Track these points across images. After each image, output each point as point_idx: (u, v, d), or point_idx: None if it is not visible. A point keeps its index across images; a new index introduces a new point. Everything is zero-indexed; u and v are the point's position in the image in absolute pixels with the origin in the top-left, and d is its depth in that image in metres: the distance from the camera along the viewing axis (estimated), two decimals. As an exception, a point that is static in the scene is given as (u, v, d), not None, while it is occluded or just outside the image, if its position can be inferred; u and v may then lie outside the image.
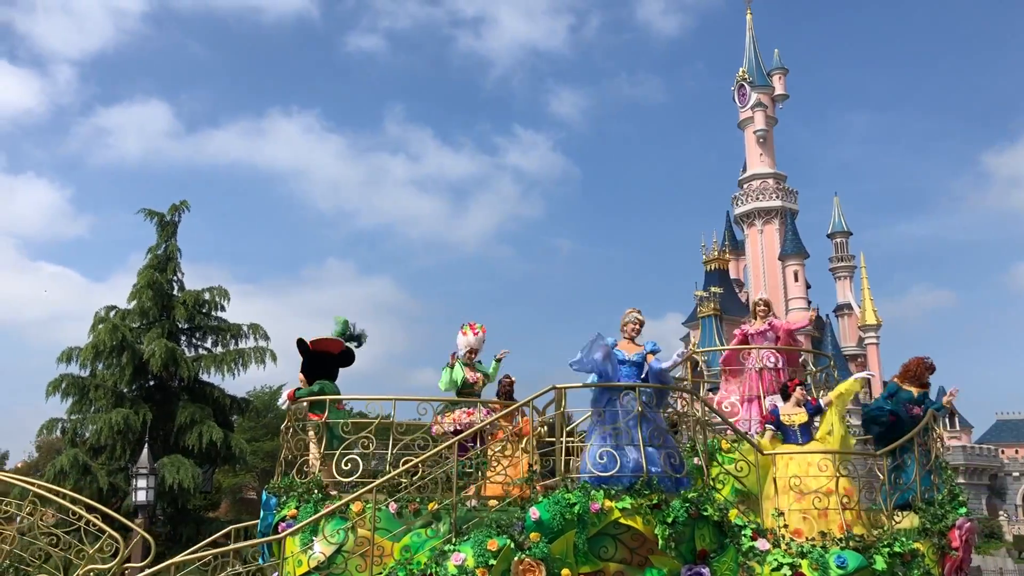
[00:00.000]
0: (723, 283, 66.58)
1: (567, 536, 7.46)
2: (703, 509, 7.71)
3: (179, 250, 32.79)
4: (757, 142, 70.36)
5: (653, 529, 7.57)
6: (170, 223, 32.88)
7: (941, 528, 8.77)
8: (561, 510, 7.42)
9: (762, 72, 72.04)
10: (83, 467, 27.11)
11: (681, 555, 7.70)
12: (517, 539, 7.36)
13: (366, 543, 8.00)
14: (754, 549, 7.84)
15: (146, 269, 32.01)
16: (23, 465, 53.62)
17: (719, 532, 7.87)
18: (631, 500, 7.58)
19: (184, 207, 33.20)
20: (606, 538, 7.64)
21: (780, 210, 68.86)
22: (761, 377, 10.74)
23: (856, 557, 7.86)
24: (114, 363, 29.98)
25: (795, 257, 67.02)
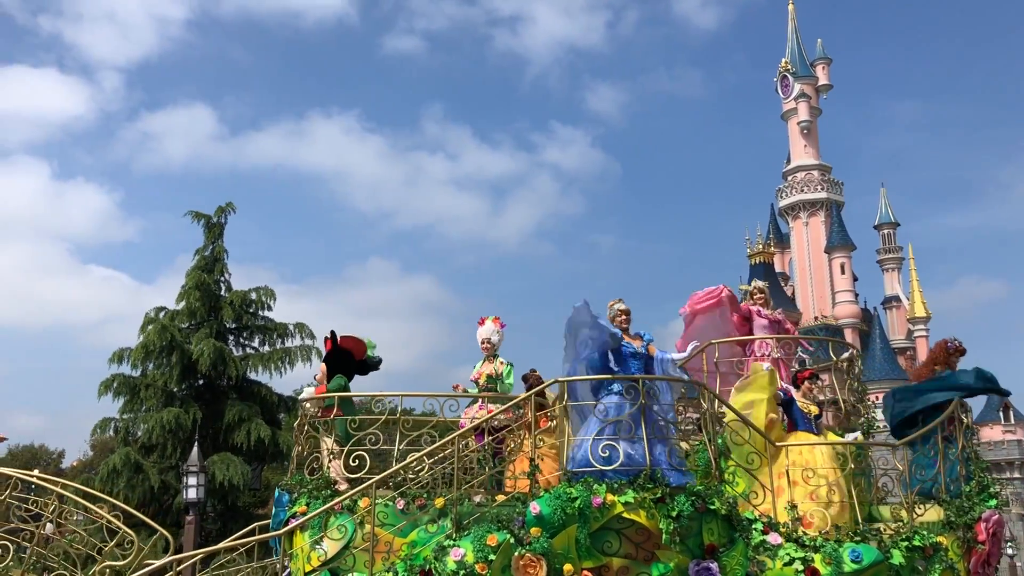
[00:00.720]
0: (768, 277, 65.23)
1: (569, 531, 7.29)
2: (710, 503, 7.50)
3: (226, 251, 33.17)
4: (801, 133, 69.04)
5: (657, 523, 7.37)
6: (216, 225, 33.30)
7: (967, 521, 8.40)
8: (562, 504, 7.26)
9: (805, 62, 70.66)
10: (135, 465, 27.62)
11: (688, 549, 7.48)
12: (517, 534, 7.22)
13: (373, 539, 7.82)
14: (765, 543, 7.57)
15: (194, 270, 32.49)
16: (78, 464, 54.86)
17: (728, 526, 7.64)
18: (634, 494, 7.39)
19: (230, 209, 33.56)
20: (610, 533, 7.44)
21: (825, 202, 67.50)
22: (778, 367, 10.36)
23: (872, 551, 7.56)
24: (164, 363, 30.46)
25: (841, 249, 65.61)
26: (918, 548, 7.78)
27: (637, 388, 7.78)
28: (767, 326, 10.76)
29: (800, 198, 67.80)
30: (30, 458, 57.76)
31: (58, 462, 62.38)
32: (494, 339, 9.95)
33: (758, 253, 66.89)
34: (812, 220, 67.41)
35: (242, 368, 30.84)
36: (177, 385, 30.08)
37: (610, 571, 7.42)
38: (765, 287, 11.15)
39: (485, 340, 10.04)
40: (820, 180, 68.13)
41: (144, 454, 28.69)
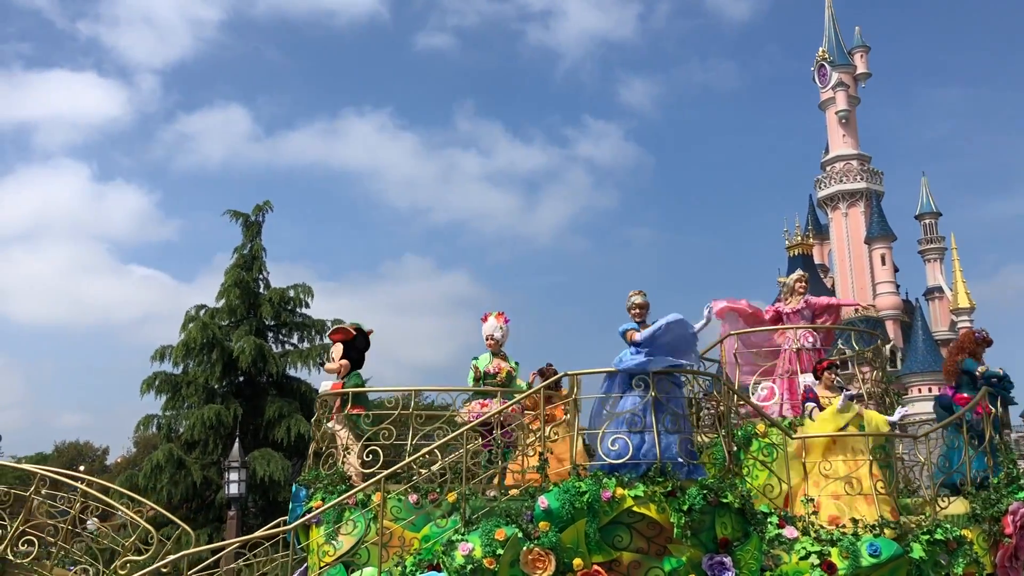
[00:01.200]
0: (807, 268, 64.11)
1: (578, 525, 7.18)
2: (723, 496, 7.31)
3: (264, 249, 33.41)
4: (839, 123, 67.78)
5: (668, 517, 7.23)
6: (254, 223, 33.54)
7: (993, 514, 8.13)
8: (571, 498, 7.14)
9: (843, 51, 69.35)
10: (178, 461, 27.98)
11: (702, 544, 7.31)
12: (526, 528, 7.13)
13: (388, 534, 7.84)
14: (780, 537, 7.41)
15: (233, 268, 32.77)
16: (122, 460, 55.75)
17: (743, 520, 7.45)
18: (644, 487, 7.25)
19: (267, 207, 33.78)
20: (620, 527, 7.32)
21: (865, 192, 66.21)
22: (799, 357, 10.14)
23: (891, 545, 7.31)
24: (205, 360, 30.78)
25: (882, 240, 64.34)
26: (940, 542, 7.52)
27: (647, 381, 7.63)
28: (791, 316, 10.62)
29: (839, 188, 66.60)
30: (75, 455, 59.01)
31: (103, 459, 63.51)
32: (498, 335, 9.78)
33: (797, 245, 65.68)
34: (851, 211, 66.20)
35: (281, 365, 31.10)
36: (218, 382, 30.35)
37: (621, 565, 7.29)
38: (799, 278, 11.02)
39: (490, 336, 9.88)
40: (859, 170, 66.84)
41: (186, 450, 29.05)
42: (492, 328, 9.80)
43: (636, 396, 7.63)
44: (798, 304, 10.69)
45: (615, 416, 7.66)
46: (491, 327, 9.82)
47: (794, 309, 10.63)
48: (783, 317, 10.67)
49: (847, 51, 70.00)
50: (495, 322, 9.79)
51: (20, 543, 9.21)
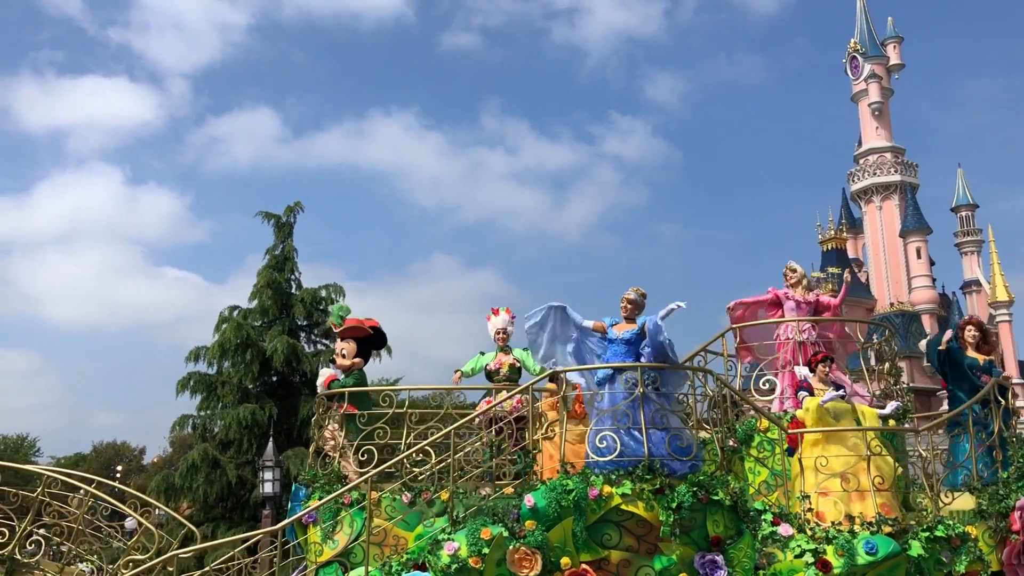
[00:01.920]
0: (841, 263, 63.13)
1: (565, 524, 7.05)
2: (714, 494, 7.12)
3: (295, 250, 33.65)
4: (872, 115, 66.56)
5: (657, 515, 7.05)
6: (286, 224, 33.76)
7: (1001, 510, 7.82)
8: (557, 497, 7.02)
9: (875, 42, 68.09)
10: (213, 461, 28.26)
11: (693, 542, 7.13)
12: (512, 527, 7.00)
13: (382, 533, 7.89)
14: (775, 534, 7.18)
15: (265, 269, 33.02)
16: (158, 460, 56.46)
17: (735, 517, 7.27)
18: (632, 485, 7.08)
19: (299, 208, 34.00)
20: (609, 525, 7.18)
21: (899, 185, 64.92)
22: (802, 350, 9.77)
23: (888, 542, 7.05)
24: (239, 360, 31.03)
25: (917, 233, 63.06)
26: (941, 539, 7.24)
27: (632, 376, 7.50)
28: (795, 308, 10.16)
29: (873, 181, 65.37)
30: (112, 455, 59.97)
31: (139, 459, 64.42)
32: (510, 329, 9.75)
33: (830, 239, 64.73)
34: (886, 204, 64.94)
35: (314, 364, 31.26)
36: (252, 382, 30.56)
37: (610, 564, 7.15)
38: (798, 267, 10.50)
39: (500, 331, 9.85)
40: (893, 162, 65.57)
41: (221, 450, 29.33)
42: (504, 322, 9.79)
43: (624, 392, 7.49)
44: (810, 296, 10.32)
45: (603, 413, 7.53)
46: (503, 321, 9.81)
47: (805, 300, 10.23)
48: (787, 303, 10.23)
49: (880, 42, 68.74)
50: (506, 316, 9.79)
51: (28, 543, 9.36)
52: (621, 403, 7.46)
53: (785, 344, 9.80)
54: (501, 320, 9.87)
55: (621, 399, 7.49)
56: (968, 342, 9.26)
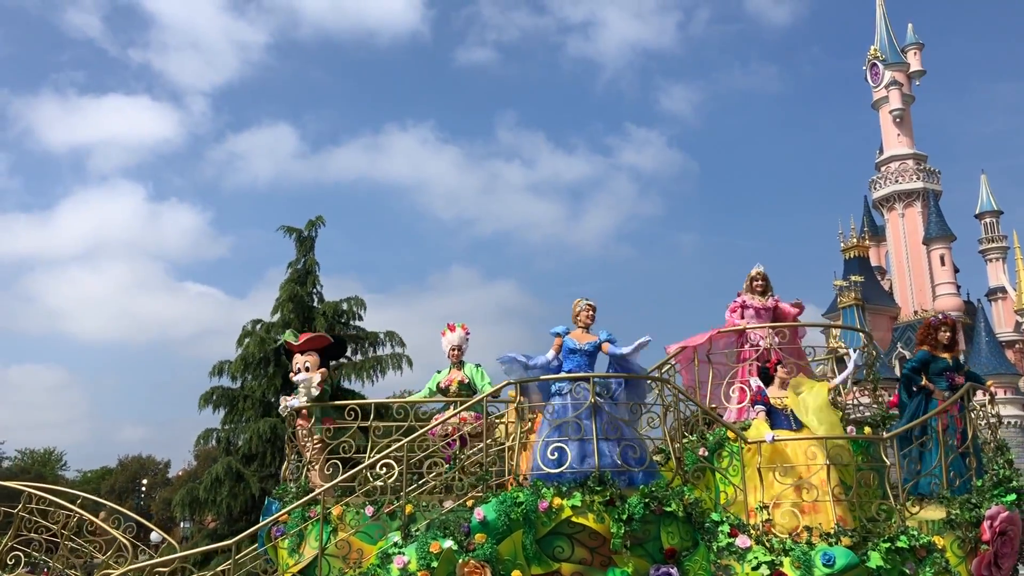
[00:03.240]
0: (864, 271, 62.28)
1: (515, 536, 6.91)
2: (667, 505, 6.93)
3: (317, 264, 33.79)
4: (893, 122, 65.59)
5: (608, 527, 6.88)
6: (308, 238, 33.91)
7: (971, 519, 7.49)
8: (507, 509, 6.89)
9: (895, 49, 67.19)
10: (236, 474, 28.40)
11: (648, 554, 6.96)
12: (461, 541, 6.89)
13: (346, 546, 7.77)
14: (732, 546, 6.96)
15: (287, 283, 33.19)
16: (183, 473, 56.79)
17: (691, 529, 7.09)
18: (582, 497, 6.93)
19: (320, 222, 34.11)
20: (560, 538, 7.02)
21: (922, 192, 63.86)
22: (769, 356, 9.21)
23: (846, 554, 6.81)
24: (261, 374, 31.19)
25: (941, 240, 61.97)
26: (904, 550, 6.96)
27: (585, 387, 7.33)
28: (755, 315, 9.88)
29: (895, 189, 64.39)
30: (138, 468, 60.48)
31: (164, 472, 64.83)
32: (464, 347, 9.56)
33: (852, 247, 63.73)
34: (908, 211, 63.92)
35: (336, 377, 31.29)
36: (275, 395, 30.70)
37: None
38: (762, 272, 10.18)
39: (454, 348, 9.62)
40: (915, 169, 64.55)
41: (245, 463, 29.47)
42: (459, 339, 9.58)
43: (576, 403, 7.34)
44: (768, 302, 10.04)
45: (554, 423, 7.38)
46: (457, 338, 9.60)
47: (764, 306, 9.97)
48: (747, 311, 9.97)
49: (900, 49, 67.88)
50: (461, 333, 9.60)
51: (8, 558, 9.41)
52: (571, 414, 7.30)
53: (751, 352, 9.52)
54: (456, 337, 9.66)
55: (572, 410, 7.33)
56: (942, 343, 8.92)
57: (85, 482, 60.02)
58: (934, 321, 9.01)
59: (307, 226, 33.75)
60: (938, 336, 8.87)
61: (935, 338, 8.87)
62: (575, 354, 7.77)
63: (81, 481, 62.80)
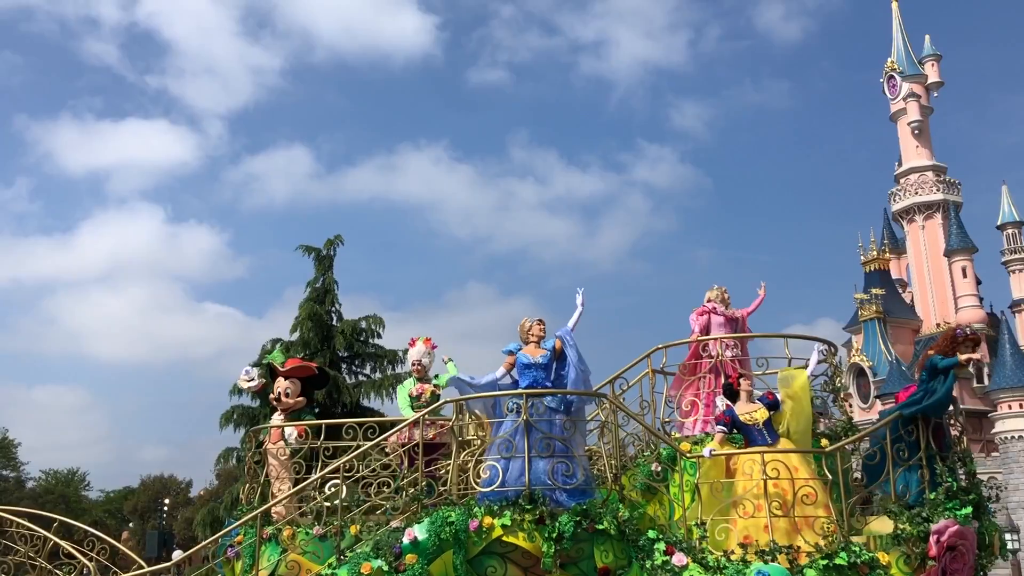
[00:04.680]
0: (884, 284, 61.31)
1: (445, 557, 6.80)
2: (599, 523, 6.76)
3: (336, 282, 33.85)
4: (912, 134, 64.71)
5: (539, 546, 6.70)
6: (326, 257, 34.00)
7: (920, 533, 7.14)
8: (437, 529, 6.77)
9: (913, 61, 66.37)
10: (259, 493, 28.50)
11: (583, 573, 6.81)
12: (391, 562, 6.78)
13: (296, 566, 7.72)
14: (667, 564, 6.72)
15: (306, 302, 33.28)
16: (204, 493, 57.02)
17: (625, 547, 6.89)
18: (512, 515, 6.77)
19: (338, 241, 34.26)
20: (493, 557, 6.86)
21: (942, 203, 62.86)
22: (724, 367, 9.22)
23: (781, 571, 6.54)
24: (281, 394, 31.26)
25: (962, 252, 60.84)
26: (841, 567, 6.68)
27: (544, 402, 7.22)
28: (723, 324, 9.70)
29: (914, 201, 63.41)
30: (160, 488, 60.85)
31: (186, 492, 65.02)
32: (425, 361, 9.53)
33: (872, 260, 62.84)
34: (928, 223, 62.92)
35: (355, 395, 31.37)
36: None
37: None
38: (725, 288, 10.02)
39: (416, 362, 9.60)
40: (935, 181, 63.57)
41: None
42: (420, 354, 9.52)
43: (510, 420, 7.22)
44: (738, 312, 9.86)
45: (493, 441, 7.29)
46: (419, 352, 9.54)
47: (732, 315, 9.77)
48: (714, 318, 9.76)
49: (917, 60, 67.07)
50: (423, 347, 9.55)
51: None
52: (505, 431, 7.20)
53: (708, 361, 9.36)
54: (416, 352, 9.63)
55: (507, 427, 7.22)
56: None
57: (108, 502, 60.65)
58: (960, 334, 8.47)
59: (325, 245, 33.87)
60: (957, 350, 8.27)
61: (954, 352, 8.28)
62: (530, 369, 7.66)
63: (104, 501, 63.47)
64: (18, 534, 9.69)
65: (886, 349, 57.18)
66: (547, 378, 7.61)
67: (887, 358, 56.44)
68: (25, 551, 9.57)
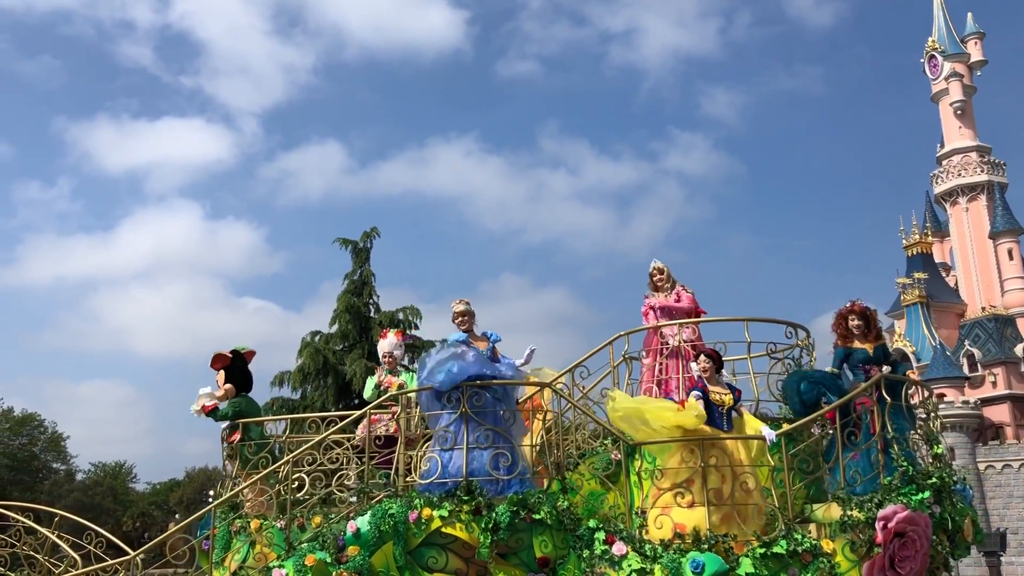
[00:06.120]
0: (927, 268, 59.64)
1: (386, 548, 6.80)
2: (536, 512, 6.70)
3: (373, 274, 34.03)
4: (955, 114, 62.76)
5: (477, 536, 6.69)
6: (363, 249, 34.10)
7: (869, 519, 6.88)
8: (378, 521, 6.80)
9: (954, 39, 64.37)
10: (300, 484, 29.01)
11: (523, 563, 6.76)
12: (335, 553, 6.84)
13: (263, 559, 7.58)
14: (607, 552, 6.66)
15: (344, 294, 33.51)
16: None
17: (565, 537, 6.85)
18: (450, 507, 6.79)
19: (375, 234, 34.34)
20: (434, 548, 6.85)
21: (986, 185, 60.83)
22: (677, 354, 9.04)
23: (715, 560, 6.44)
24: (320, 384, 31.73)
25: (1008, 234, 58.81)
26: (780, 555, 6.52)
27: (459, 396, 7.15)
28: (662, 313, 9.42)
29: (958, 183, 61.51)
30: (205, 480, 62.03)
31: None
32: (397, 353, 9.60)
33: (915, 243, 61.13)
34: (972, 205, 60.98)
35: (392, 387, 31.59)
36: (334, 405, 30.82)
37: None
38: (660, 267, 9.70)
39: (387, 354, 9.60)
40: (979, 162, 61.59)
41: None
42: (392, 346, 9.55)
43: (449, 412, 7.21)
44: (671, 298, 9.56)
45: (434, 433, 7.30)
46: (390, 344, 9.57)
47: (666, 304, 9.50)
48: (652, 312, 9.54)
49: (960, 39, 64.96)
50: (394, 340, 9.59)
51: None
52: (444, 423, 7.21)
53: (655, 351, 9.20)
54: (387, 344, 9.65)
55: (446, 419, 7.22)
56: (853, 333, 8.20)
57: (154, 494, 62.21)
58: (843, 309, 8.28)
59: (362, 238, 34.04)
60: (848, 325, 8.17)
61: (846, 328, 8.18)
62: None
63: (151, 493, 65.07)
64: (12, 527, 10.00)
65: (930, 334, 55.69)
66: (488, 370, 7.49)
67: (931, 343, 54.97)
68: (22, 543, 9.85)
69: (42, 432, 61.25)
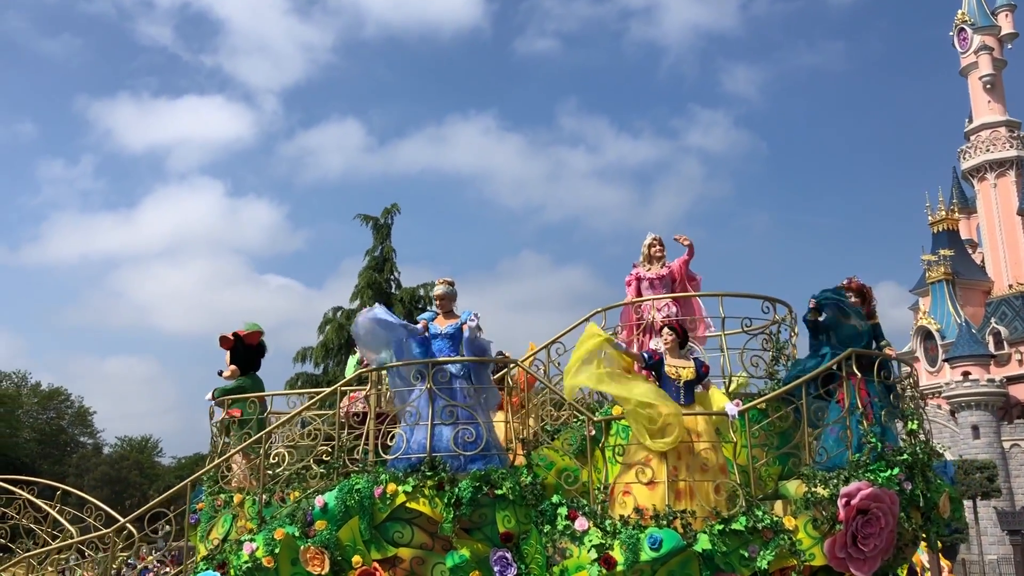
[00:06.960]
0: (953, 244, 58.48)
1: (352, 523, 6.91)
2: (498, 488, 6.75)
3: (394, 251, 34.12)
4: (984, 88, 61.19)
5: (440, 511, 6.77)
6: (384, 226, 34.13)
7: (831, 496, 6.76)
8: (344, 496, 6.90)
9: (984, 11, 62.61)
10: (321, 459, 29.54)
11: (487, 538, 6.81)
12: (303, 528, 6.93)
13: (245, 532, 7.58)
14: (570, 528, 6.71)
15: (366, 270, 33.63)
16: None
17: (528, 512, 6.89)
18: (415, 482, 6.85)
19: (395, 210, 34.35)
20: (400, 523, 6.95)
21: (1015, 160, 59.34)
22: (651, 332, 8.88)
23: (673, 536, 6.44)
24: (343, 359, 32.13)
25: (1037, 209, 57.78)
26: (739, 532, 6.51)
27: (424, 372, 7.22)
28: (650, 287, 9.37)
29: (986, 158, 60.12)
30: None
31: None
32: None
33: (941, 220, 59.89)
34: (1001, 181, 59.61)
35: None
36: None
37: (403, 562, 6.96)
38: (658, 238, 9.63)
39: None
40: (1008, 137, 60.07)
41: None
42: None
43: (416, 389, 7.27)
44: (663, 270, 9.46)
45: (403, 410, 7.35)
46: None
47: (657, 275, 9.40)
48: (642, 283, 9.44)
49: (990, 11, 63.20)
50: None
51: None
52: (411, 399, 7.27)
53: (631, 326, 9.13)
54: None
55: (412, 395, 7.28)
56: None
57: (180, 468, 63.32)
58: (839, 286, 8.14)
59: (383, 214, 34.04)
60: None
61: None
62: (436, 338, 7.68)
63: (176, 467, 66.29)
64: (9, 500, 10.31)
65: (955, 311, 54.74)
66: (452, 348, 7.63)
67: (956, 320, 54.06)
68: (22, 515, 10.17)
69: (69, 406, 62.29)
